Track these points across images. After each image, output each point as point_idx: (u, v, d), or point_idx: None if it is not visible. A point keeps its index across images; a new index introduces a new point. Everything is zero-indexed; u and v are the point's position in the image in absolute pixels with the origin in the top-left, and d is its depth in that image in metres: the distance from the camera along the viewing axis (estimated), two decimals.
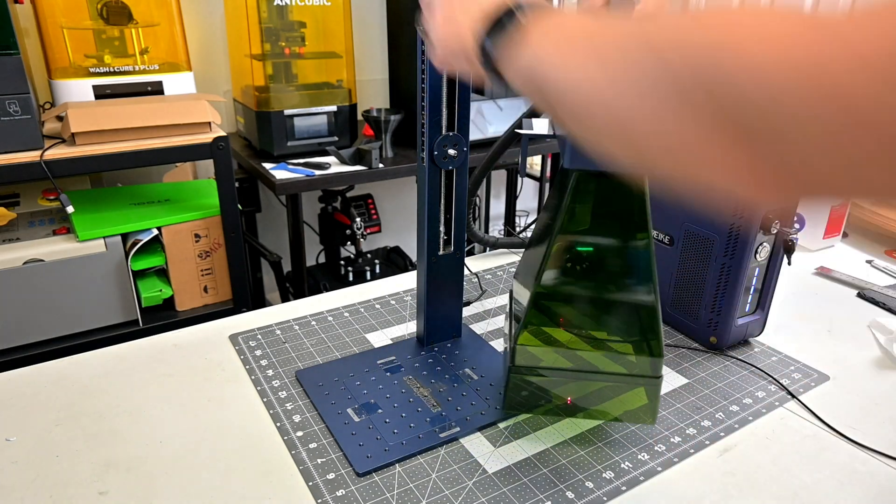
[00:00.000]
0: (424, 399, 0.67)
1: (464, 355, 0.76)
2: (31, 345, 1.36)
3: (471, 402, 0.67)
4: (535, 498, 0.55)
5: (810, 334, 0.83)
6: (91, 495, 0.55)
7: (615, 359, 0.60)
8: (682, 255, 0.79)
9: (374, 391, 0.69)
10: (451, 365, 0.74)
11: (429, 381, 0.71)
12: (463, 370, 0.73)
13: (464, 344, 0.78)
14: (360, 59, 2.19)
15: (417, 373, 0.72)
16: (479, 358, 0.75)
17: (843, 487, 0.57)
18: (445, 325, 0.78)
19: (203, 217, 1.49)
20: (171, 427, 0.63)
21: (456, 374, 0.72)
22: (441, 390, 0.69)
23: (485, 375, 0.72)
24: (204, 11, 1.90)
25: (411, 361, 0.74)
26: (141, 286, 1.48)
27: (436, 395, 0.68)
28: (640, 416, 0.62)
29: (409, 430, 0.63)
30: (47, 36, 1.46)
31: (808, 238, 1.09)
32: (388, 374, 0.71)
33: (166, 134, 1.40)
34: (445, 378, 0.71)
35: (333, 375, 0.71)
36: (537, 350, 0.60)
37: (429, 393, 0.68)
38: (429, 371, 0.72)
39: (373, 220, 2.05)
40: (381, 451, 0.60)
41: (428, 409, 0.66)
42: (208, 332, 0.81)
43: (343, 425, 0.63)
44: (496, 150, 0.88)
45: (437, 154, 0.67)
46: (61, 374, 0.71)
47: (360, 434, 0.62)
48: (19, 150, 1.27)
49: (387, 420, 0.64)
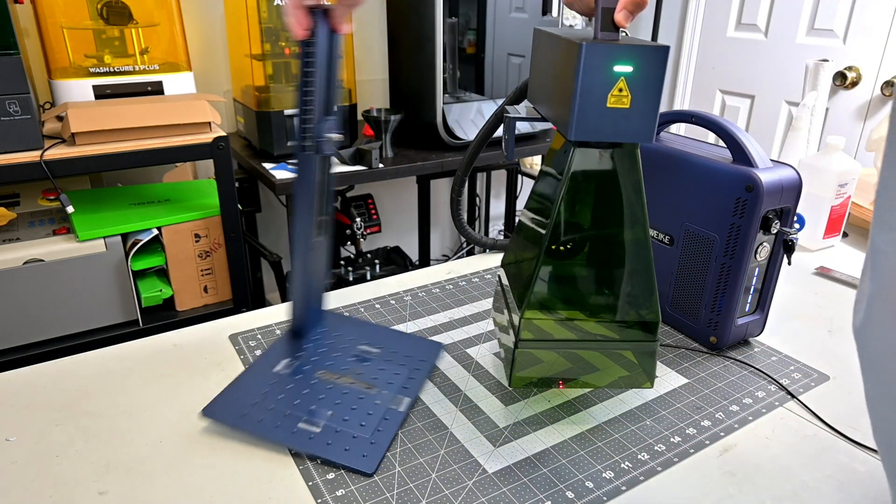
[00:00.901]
0: (354, 385, 0.67)
1: (345, 334, 0.75)
2: (31, 345, 1.36)
3: (394, 373, 0.69)
4: (535, 498, 0.55)
5: (810, 334, 0.83)
6: (91, 495, 0.55)
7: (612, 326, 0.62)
8: (682, 255, 0.79)
9: (304, 399, 0.65)
10: (344, 347, 0.73)
11: (340, 368, 0.69)
12: (358, 347, 0.73)
13: (333, 324, 0.78)
14: (360, 59, 2.19)
15: (322, 365, 0.70)
16: (362, 332, 0.76)
17: (843, 487, 0.57)
18: (319, 312, 0.78)
19: (203, 217, 1.49)
20: (171, 427, 0.63)
21: (357, 353, 0.72)
22: (359, 372, 0.69)
23: (382, 346, 0.73)
24: (204, 11, 1.90)
25: (308, 357, 0.71)
26: (141, 286, 1.48)
27: (360, 378, 0.68)
28: (637, 380, 0.63)
29: (371, 417, 0.63)
30: (47, 36, 1.46)
31: (808, 238, 1.09)
32: (299, 378, 0.68)
33: (166, 134, 1.40)
34: (350, 360, 0.70)
35: (247, 402, 0.64)
36: (541, 324, 0.61)
37: (351, 379, 0.68)
38: (332, 360, 0.71)
39: (373, 220, 2.05)
40: (368, 445, 0.60)
41: (367, 392, 0.66)
42: (208, 332, 0.81)
43: (309, 441, 0.59)
44: (482, 136, 0.90)
45: (322, 140, 0.65)
46: (61, 374, 0.71)
47: (335, 442, 0.60)
48: (19, 150, 1.27)
49: (345, 418, 0.63)
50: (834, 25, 2.16)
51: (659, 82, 0.52)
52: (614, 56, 0.51)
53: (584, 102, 0.53)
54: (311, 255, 0.70)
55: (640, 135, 0.54)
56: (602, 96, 0.52)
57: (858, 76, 2.12)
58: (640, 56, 0.51)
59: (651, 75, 0.52)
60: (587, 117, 0.53)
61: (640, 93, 0.52)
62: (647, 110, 0.53)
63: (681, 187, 0.78)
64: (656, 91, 0.53)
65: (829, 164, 1.04)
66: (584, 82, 0.52)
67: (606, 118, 0.53)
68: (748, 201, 0.70)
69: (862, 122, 2.15)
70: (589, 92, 0.52)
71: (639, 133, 0.54)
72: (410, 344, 0.77)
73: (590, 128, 0.54)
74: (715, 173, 0.73)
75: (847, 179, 1.05)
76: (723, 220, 0.73)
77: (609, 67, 0.52)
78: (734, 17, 2.48)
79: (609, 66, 0.52)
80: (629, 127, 0.54)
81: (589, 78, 0.52)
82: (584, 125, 0.54)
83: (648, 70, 0.52)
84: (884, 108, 2.09)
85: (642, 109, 0.53)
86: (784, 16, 2.30)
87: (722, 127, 0.75)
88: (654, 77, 0.52)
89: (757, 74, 2.44)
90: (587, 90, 0.52)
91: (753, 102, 2.49)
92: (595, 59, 0.51)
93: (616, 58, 0.51)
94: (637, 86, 0.52)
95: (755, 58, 2.43)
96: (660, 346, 0.79)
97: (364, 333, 0.77)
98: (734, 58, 2.51)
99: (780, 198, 0.72)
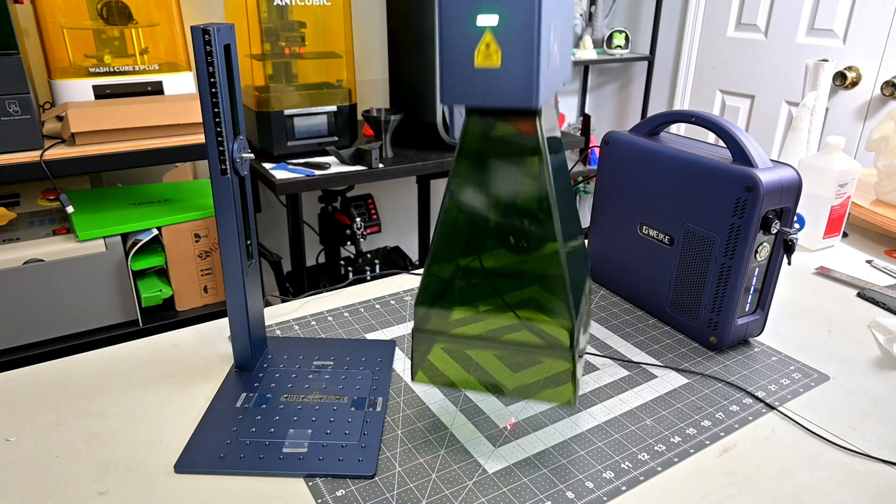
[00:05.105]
0: (323, 400, 0.67)
1: (293, 354, 0.75)
2: (31, 345, 1.36)
3: (357, 378, 0.69)
4: (535, 498, 0.55)
5: (810, 334, 0.83)
6: (91, 495, 0.55)
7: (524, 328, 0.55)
8: (682, 255, 0.79)
9: (278, 425, 0.63)
10: (298, 367, 0.72)
11: (303, 387, 0.69)
12: (312, 364, 0.73)
13: (277, 348, 0.76)
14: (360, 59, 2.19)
15: (284, 389, 0.68)
16: (309, 348, 0.76)
17: (843, 487, 0.57)
18: (261, 339, 0.74)
19: (203, 217, 1.49)
20: (171, 427, 0.63)
21: (314, 369, 0.72)
22: (323, 386, 0.69)
23: (335, 356, 0.74)
24: (204, 11, 1.90)
25: (266, 385, 0.69)
26: (141, 286, 1.48)
27: (327, 392, 0.68)
28: (559, 395, 0.56)
29: (352, 424, 0.63)
30: (47, 36, 1.46)
31: (808, 238, 1.09)
32: (265, 407, 0.65)
33: (166, 134, 1.40)
34: (310, 377, 0.70)
35: (219, 444, 0.61)
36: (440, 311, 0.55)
37: (318, 394, 0.68)
38: (291, 382, 0.70)
39: (373, 220, 2.05)
40: (359, 449, 0.60)
41: (339, 402, 0.66)
42: (208, 332, 0.81)
43: (300, 462, 0.58)
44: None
45: (238, 161, 0.64)
46: (61, 374, 0.71)
47: (326, 457, 0.59)
48: (19, 150, 1.27)
49: (327, 431, 0.62)
50: (834, 25, 2.16)
51: (532, 33, 0.45)
52: (475, 4, 0.45)
53: (448, 62, 0.47)
54: (245, 281, 0.68)
55: (517, 97, 0.46)
56: (468, 54, 0.46)
57: (858, 76, 2.12)
58: (504, 3, 0.44)
59: (522, 26, 0.44)
60: (454, 79, 0.47)
61: (513, 48, 0.45)
62: (522, 69, 0.46)
63: (681, 187, 0.78)
64: (530, 44, 0.45)
65: (829, 164, 1.04)
66: (444, 38, 0.46)
67: (476, 79, 0.47)
68: (748, 201, 0.70)
69: (862, 122, 2.15)
70: (452, 49, 0.46)
71: (515, 95, 0.46)
72: (361, 348, 0.76)
73: (457, 91, 0.47)
74: (715, 173, 0.73)
75: (847, 179, 1.05)
76: (723, 220, 0.73)
77: (471, 19, 0.45)
78: (734, 17, 2.48)
79: (470, 18, 0.45)
80: (504, 89, 0.46)
81: (449, 33, 0.46)
82: (451, 88, 0.47)
83: (518, 20, 0.44)
84: (884, 108, 2.09)
85: (517, 67, 0.46)
86: (784, 16, 2.30)
87: (722, 127, 0.75)
88: (528, 26, 0.44)
89: (757, 74, 2.44)
90: (449, 47, 0.46)
91: (753, 102, 2.49)
92: (453, 9, 0.45)
93: (478, 5, 0.45)
94: (507, 40, 0.45)
95: (755, 58, 2.43)
96: (659, 347, 0.79)
97: (312, 349, 0.76)
98: (734, 58, 2.51)
99: (780, 198, 0.72)
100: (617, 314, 0.87)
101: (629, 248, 0.87)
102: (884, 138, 1.17)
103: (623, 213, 0.87)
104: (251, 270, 0.70)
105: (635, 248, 0.86)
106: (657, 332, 0.82)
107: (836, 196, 1.05)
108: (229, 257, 0.66)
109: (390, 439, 0.62)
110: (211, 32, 0.58)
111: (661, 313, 0.84)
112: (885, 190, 1.16)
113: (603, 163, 0.89)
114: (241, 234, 0.67)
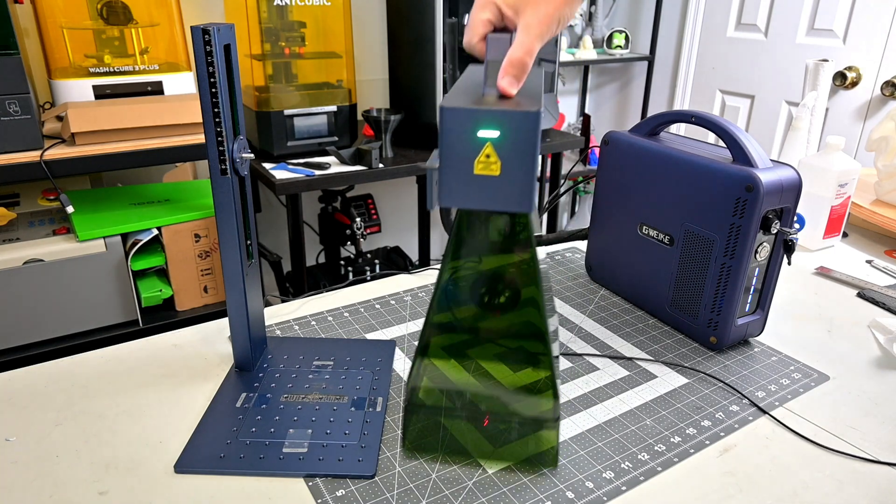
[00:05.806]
0: (323, 400, 0.67)
1: (293, 354, 0.74)
2: (31, 345, 1.36)
3: (357, 378, 0.69)
4: (535, 498, 0.55)
5: (810, 334, 0.83)
6: (91, 495, 0.55)
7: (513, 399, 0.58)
8: (682, 255, 0.79)
9: (278, 425, 0.63)
10: (298, 367, 0.72)
11: (303, 387, 0.69)
12: (312, 364, 0.72)
13: (276, 348, 0.76)
14: (360, 59, 2.19)
15: (284, 389, 0.68)
16: (308, 348, 0.76)
17: (843, 487, 0.57)
18: (261, 339, 0.74)
19: (203, 217, 1.49)
20: (171, 427, 0.63)
21: (313, 369, 0.71)
22: (323, 386, 0.69)
23: (334, 356, 0.73)
24: (204, 11, 1.90)
25: (265, 385, 0.69)
26: (141, 286, 1.48)
27: (326, 392, 0.68)
28: (543, 460, 0.59)
29: (352, 424, 0.63)
30: (47, 36, 1.46)
31: (808, 238, 1.09)
32: (265, 407, 0.65)
33: (166, 134, 1.40)
34: (310, 377, 0.70)
35: (219, 444, 0.61)
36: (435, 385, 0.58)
37: (318, 394, 0.67)
38: (291, 382, 0.69)
39: (373, 220, 2.05)
40: (359, 449, 0.60)
41: (339, 402, 0.66)
42: (208, 332, 0.81)
43: (300, 462, 0.58)
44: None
45: (238, 161, 0.64)
46: (61, 374, 0.71)
47: (326, 457, 0.59)
48: (19, 150, 1.27)
49: (327, 431, 0.62)
50: (834, 25, 2.16)
51: (532, 147, 0.46)
52: (478, 120, 0.46)
53: (449, 167, 0.48)
54: (245, 281, 0.68)
55: (515, 203, 0.48)
56: (468, 162, 0.47)
57: (858, 76, 2.12)
58: (507, 121, 0.46)
59: (522, 140, 0.46)
60: (453, 183, 0.48)
61: (512, 159, 0.47)
62: (521, 178, 0.47)
63: (681, 187, 0.78)
64: (530, 157, 0.46)
65: (829, 164, 1.04)
66: (447, 146, 0.47)
67: (475, 185, 0.48)
68: (748, 201, 0.70)
69: (862, 122, 2.15)
70: (453, 157, 0.47)
71: (513, 201, 0.48)
72: (361, 348, 0.76)
73: (457, 195, 0.48)
74: (715, 173, 0.73)
75: (847, 179, 1.05)
76: (723, 220, 0.73)
77: (472, 132, 0.46)
78: (734, 17, 2.48)
79: (472, 131, 0.46)
80: (502, 195, 0.48)
81: (452, 142, 0.47)
82: (451, 191, 0.48)
83: (518, 135, 0.46)
84: (884, 108, 2.09)
85: (516, 177, 0.47)
86: (784, 16, 2.30)
87: (722, 127, 0.75)
88: (526, 142, 0.46)
89: (757, 74, 2.44)
90: (451, 155, 0.47)
91: (753, 102, 2.49)
92: (457, 123, 0.46)
93: (480, 122, 0.46)
94: (508, 152, 0.46)
95: (755, 58, 2.43)
96: (659, 347, 0.79)
97: (312, 349, 0.76)
98: (734, 58, 2.51)
99: (780, 198, 0.72)
100: (617, 314, 0.87)
101: (629, 248, 0.87)
102: (884, 138, 1.17)
103: (623, 213, 0.87)
104: (251, 270, 0.70)
105: (635, 248, 0.86)
106: (657, 332, 0.82)
107: (836, 196, 1.05)
108: (229, 257, 0.66)
109: (390, 439, 0.62)
110: (211, 32, 0.58)
111: (661, 313, 0.84)
112: (885, 190, 1.16)
113: (603, 163, 0.89)
114: (241, 234, 0.66)
